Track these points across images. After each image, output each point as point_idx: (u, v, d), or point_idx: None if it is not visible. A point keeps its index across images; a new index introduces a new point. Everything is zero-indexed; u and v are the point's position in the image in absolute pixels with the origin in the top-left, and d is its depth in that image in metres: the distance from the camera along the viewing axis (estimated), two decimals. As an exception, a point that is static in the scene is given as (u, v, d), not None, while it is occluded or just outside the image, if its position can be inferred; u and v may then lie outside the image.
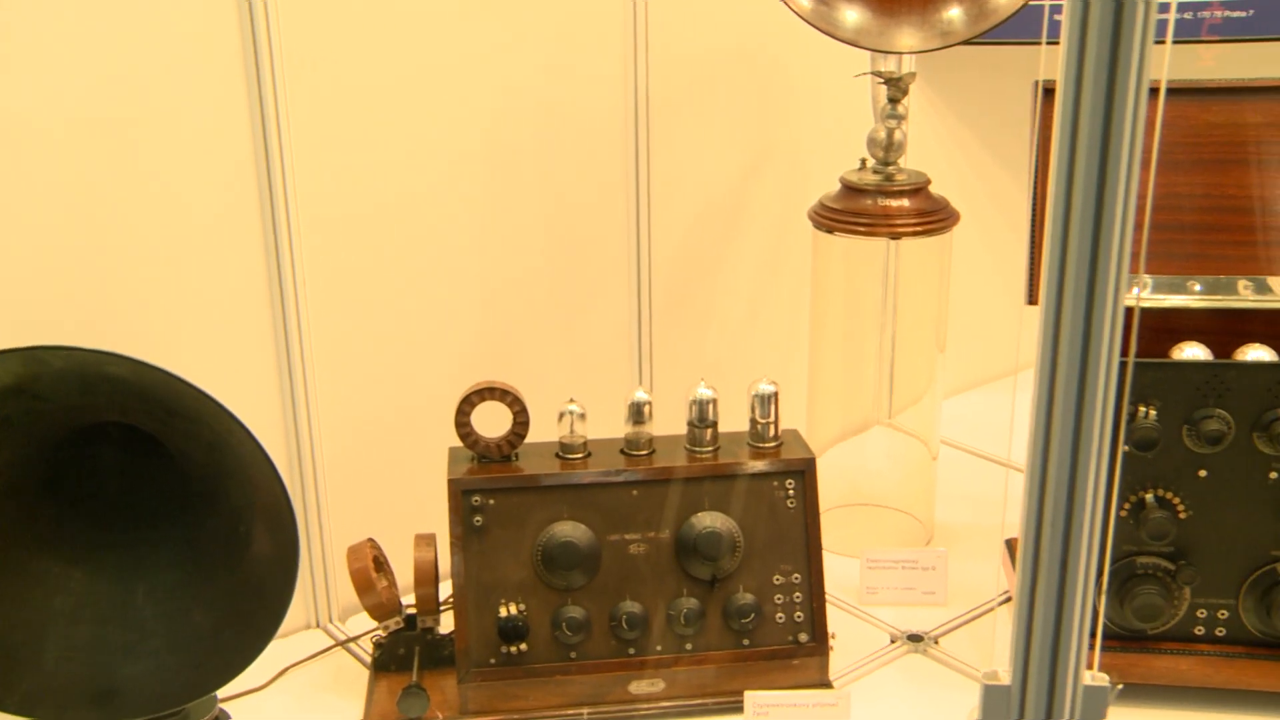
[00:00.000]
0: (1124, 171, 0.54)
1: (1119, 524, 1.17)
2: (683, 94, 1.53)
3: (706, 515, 1.21)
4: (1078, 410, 0.58)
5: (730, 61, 1.57)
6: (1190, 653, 1.20)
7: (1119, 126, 0.54)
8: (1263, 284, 1.30)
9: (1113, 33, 0.52)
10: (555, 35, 1.41)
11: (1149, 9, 0.52)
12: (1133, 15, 0.52)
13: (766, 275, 1.69)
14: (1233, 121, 1.29)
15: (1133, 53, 0.52)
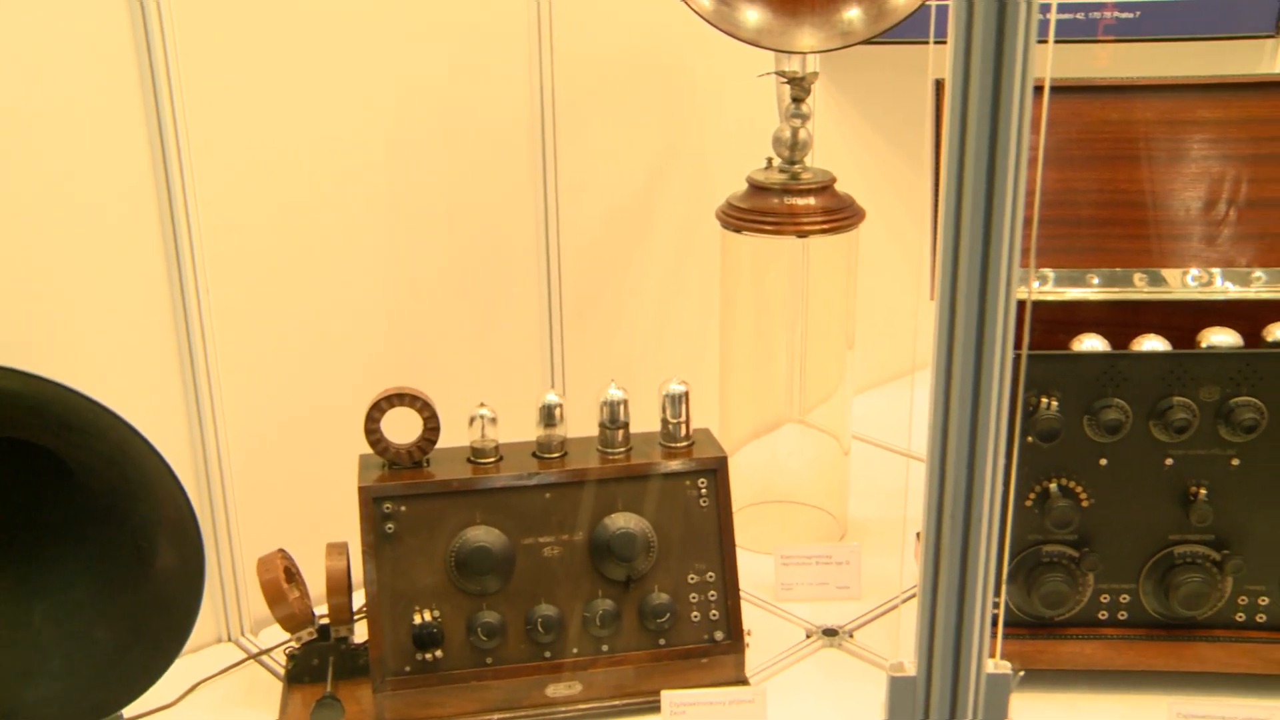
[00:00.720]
0: (1012, 168, 0.55)
1: (1025, 514, 1.19)
2: (589, 95, 1.53)
3: (620, 516, 1.21)
4: (974, 403, 0.59)
5: (636, 62, 1.58)
6: (1095, 637, 1.23)
7: (1006, 124, 0.55)
8: (1157, 276, 1.33)
9: (997, 32, 0.53)
10: (459, 35, 1.41)
11: (1031, 9, 0.53)
12: (1015, 15, 0.53)
13: (676, 275, 1.70)
14: (1124, 119, 1.32)
15: (1017, 52, 0.53)
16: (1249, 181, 1.32)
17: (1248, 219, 1.32)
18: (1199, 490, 1.18)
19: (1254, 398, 1.15)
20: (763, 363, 1.52)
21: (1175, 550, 1.20)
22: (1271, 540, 1.19)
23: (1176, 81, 1.33)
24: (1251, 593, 1.21)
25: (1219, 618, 1.22)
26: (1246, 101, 1.32)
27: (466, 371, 1.50)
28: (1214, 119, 1.32)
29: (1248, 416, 1.14)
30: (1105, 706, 1.22)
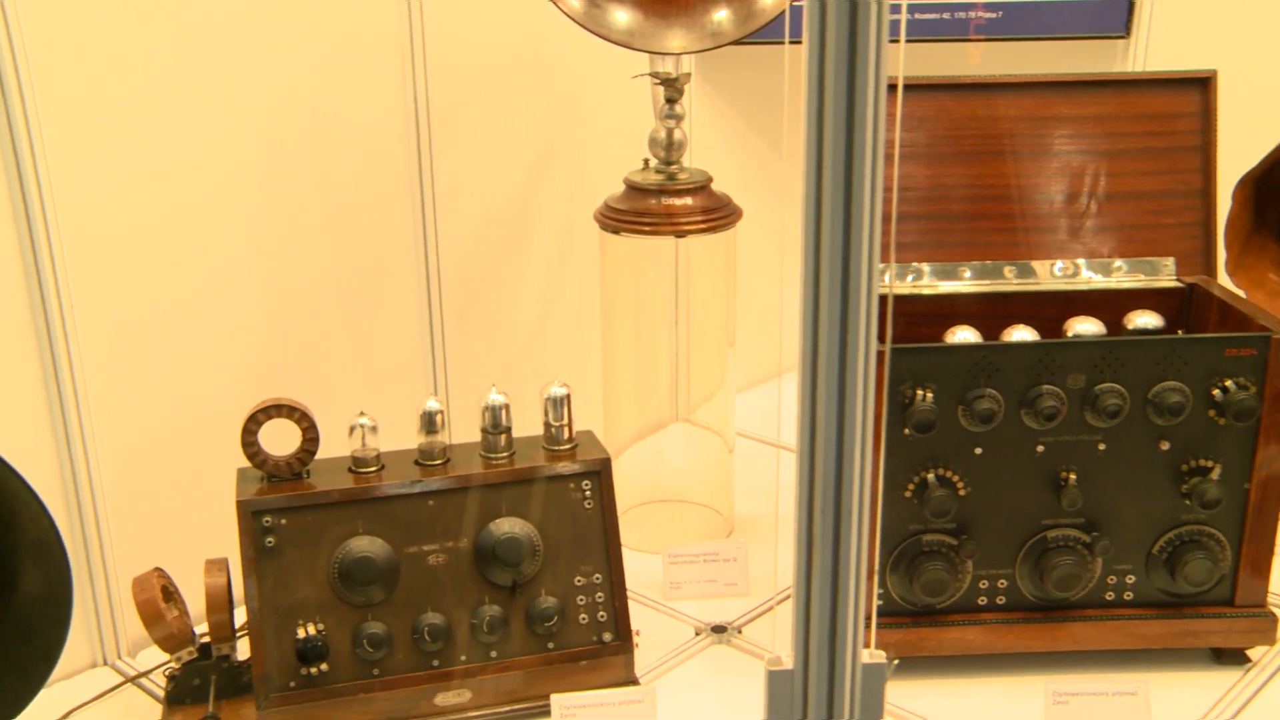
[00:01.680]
0: (869, 165, 0.56)
1: (904, 504, 1.21)
2: (464, 97, 1.52)
3: (505, 521, 1.21)
4: (840, 397, 0.60)
5: (511, 64, 1.57)
6: (976, 622, 1.25)
7: (861, 122, 0.56)
8: (1026, 268, 1.36)
9: (850, 32, 0.54)
10: (328, 37, 1.39)
11: (882, 10, 0.54)
12: (867, 15, 0.54)
13: (556, 277, 1.69)
14: (989, 115, 1.36)
15: (870, 51, 0.54)
16: (1107, 175, 1.36)
17: (1107, 211, 1.37)
18: (1069, 475, 1.21)
19: (1117, 384, 1.18)
20: (645, 363, 1.52)
21: (1048, 534, 1.23)
22: (1136, 521, 1.23)
23: (1038, 79, 1.36)
24: (1119, 572, 1.25)
25: (1090, 598, 1.25)
26: (1102, 99, 1.36)
27: (346, 380, 1.48)
28: (1073, 115, 1.36)
29: (1111, 402, 1.18)
30: (987, 689, 1.25)
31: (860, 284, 0.58)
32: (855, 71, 0.55)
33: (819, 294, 0.58)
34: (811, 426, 0.61)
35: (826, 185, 0.56)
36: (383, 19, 1.43)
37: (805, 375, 0.61)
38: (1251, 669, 1.27)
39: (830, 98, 0.55)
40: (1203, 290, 1.33)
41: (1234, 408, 1.18)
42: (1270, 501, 1.22)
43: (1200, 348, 1.18)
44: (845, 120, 0.55)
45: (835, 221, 0.57)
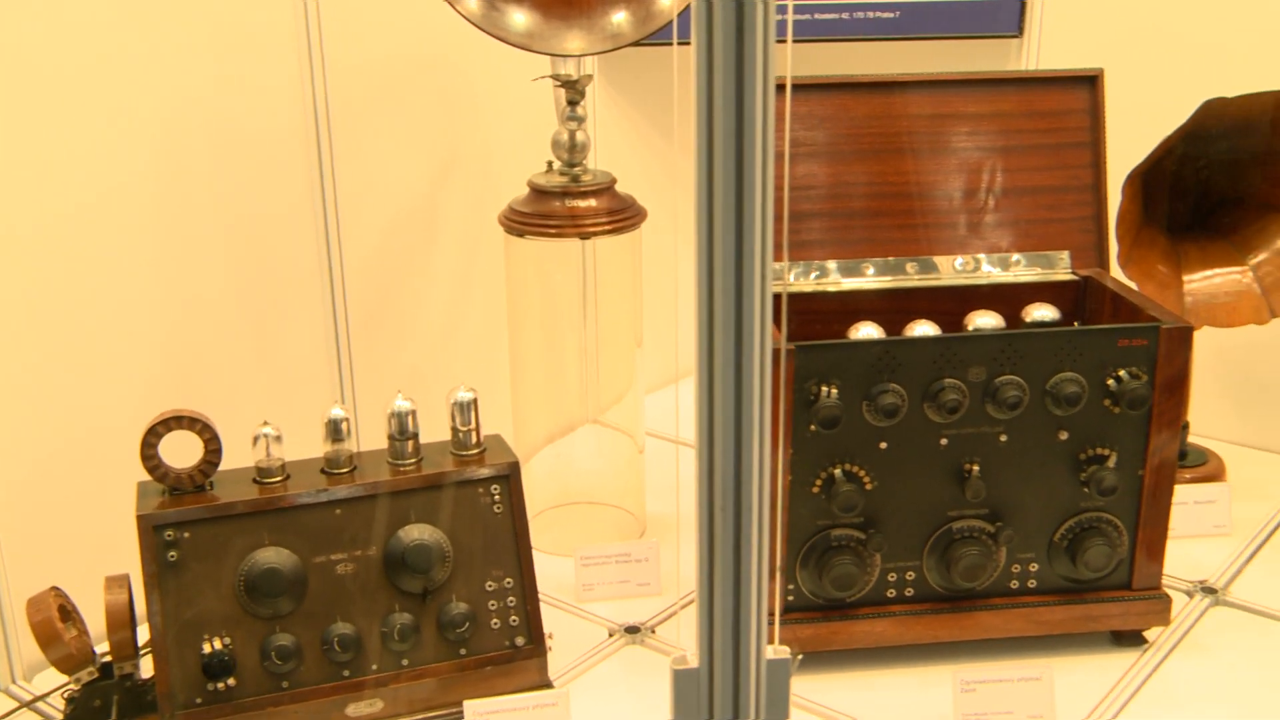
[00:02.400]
0: (759, 164, 0.56)
1: (812, 500, 1.22)
2: (364, 102, 1.51)
3: (414, 528, 1.20)
4: (737, 396, 0.60)
5: (411, 68, 1.56)
6: (885, 615, 1.27)
7: (750, 122, 0.56)
8: (927, 263, 1.39)
9: (736, 32, 0.55)
10: (222, 42, 1.36)
11: (768, 10, 0.54)
12: (753, 16, 0.54)
13: (463, 281, 1.68)
14: (887, 114, 1.38)
15: (757, 51, 0.55)
16: (1003, 171, 1.39)
17: (1004, 207, 1.39)
18: (972, 467, 1.23)
19: (1016, 375, 1.21)
20: (554, 365, 1.52)
21: (954, 526, 1.25)
22: (1038, 510, 1.25)
23: (934, 78, 1.39)
24: (1023, 560, 1.27)
25: (996, 587, 1.28)
26: (996, 97, 1.39)
27: (249, 390, 1.46)
28: (969, 113, 1.39)
29: (1012, 394, 1.20)
30: (897, 680, 1.27)
31: (754, 282, 0.58)
32: (743, 71, 0.55)
33: (713, 294, 0.58)
34: (709, 426, 0.61)
35: (718, 185, 0.57)
36: (278, 23, 1.41)
37: (702, 375, 0.61)
38: (1148, 649, 1.31)
39: (719, 98, 0.56)
40: (1096, 283, 1.36)
41: (1127, 396, 1.21)
42: (1163, 487, 1.25)
43: (1094, 339, 1.21)
44: (735, 120, 0.56)
45: (727, 221, 0.57)
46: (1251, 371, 1.77)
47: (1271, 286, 1.53)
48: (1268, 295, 1.53)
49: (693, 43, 0.56)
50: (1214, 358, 1.76)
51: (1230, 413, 1.79)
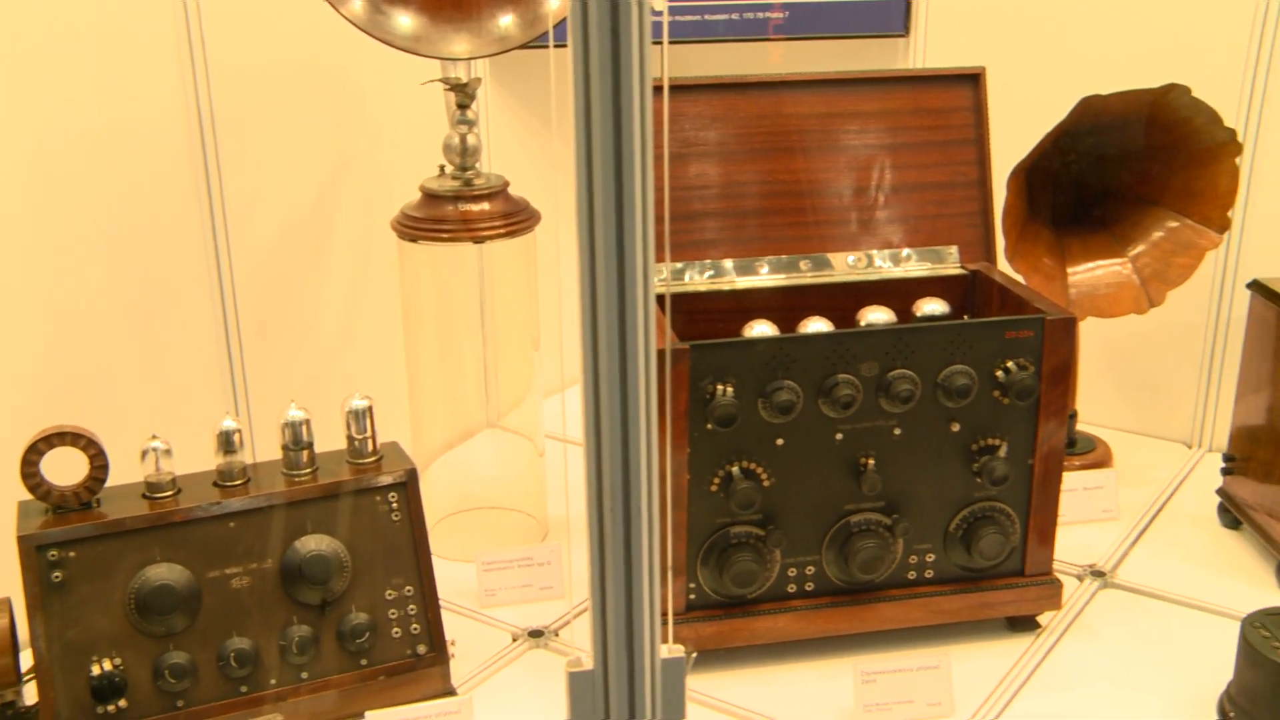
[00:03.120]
0: (638, 165, 0.56)
1: (710, 498, 1.23)
2: (250, 107, 1.48)
3: (311, 539, 1.18)
4: (622, 396, 0.60)
5: (297, 72, 1.54)
6: (786, 610, 1.28)
7: (629, 124, 0.56)
8: (820, 260, 1.40)
9: (612, 35, 0.55)
10: (100, 47, 1.33)
11: (644, 12, 0.54)
12: (629, 18, 0.54)
13: (357, 288, 1.66)
14: (776, 113, 1.39)
15: (633, 53, 0.55)
16: (892, 169, 1.41)
17: (894, 203, 1.41)
18: (868, 461, 1.25)
19: (908, 369, 1.22)
20: (451, 371, 1.51)
21: (851, 519, 1.27)
22: (933, 501, 1.27)
23: (823, 77, 1.40)
24: (920, 551, 1.29)
25: (894, 578, 1.29)
26: (883, 95, 1.41)
27: (136, 403, 1.42)
28: (857, 111, 1.41)
29: (904, 388, 1.22)
30: (800, 674, 1.28)
31: (636, 283, 0.58)
32: (620, 73, 0.55)
33: (595, 295, 0.58)
34: (596, 428, 0.61)
35: (598, 187, 0.57)
36: (158, 25, 1.38)
37: (587, 377, 0.61)
38: (1041, 634, 1.34)
39: (596, 100, 0.56)
40: (984, 276, 1.39)
41: (1016, 387, 1.23)
42: (1052, 475, 1.28)
43: (983, 331, 1.23)
44: (613, 122, 0.56)
45: (608, 223, 0.57)
46: (1135, 360, 1.82)
47: (1150, 277, 1.58)
48: (1146, 286, 1.57)
49: (569, 45, 0.56)
50: (1100, 347, 1.81)
51: (1116, 400, 1.84)
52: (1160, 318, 1.67)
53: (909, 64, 1.83)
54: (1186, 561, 1.48)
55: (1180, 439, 1.81)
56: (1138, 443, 1.81)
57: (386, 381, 1.58)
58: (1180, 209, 1.58)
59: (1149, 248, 1.59)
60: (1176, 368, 1.78)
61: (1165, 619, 1.37)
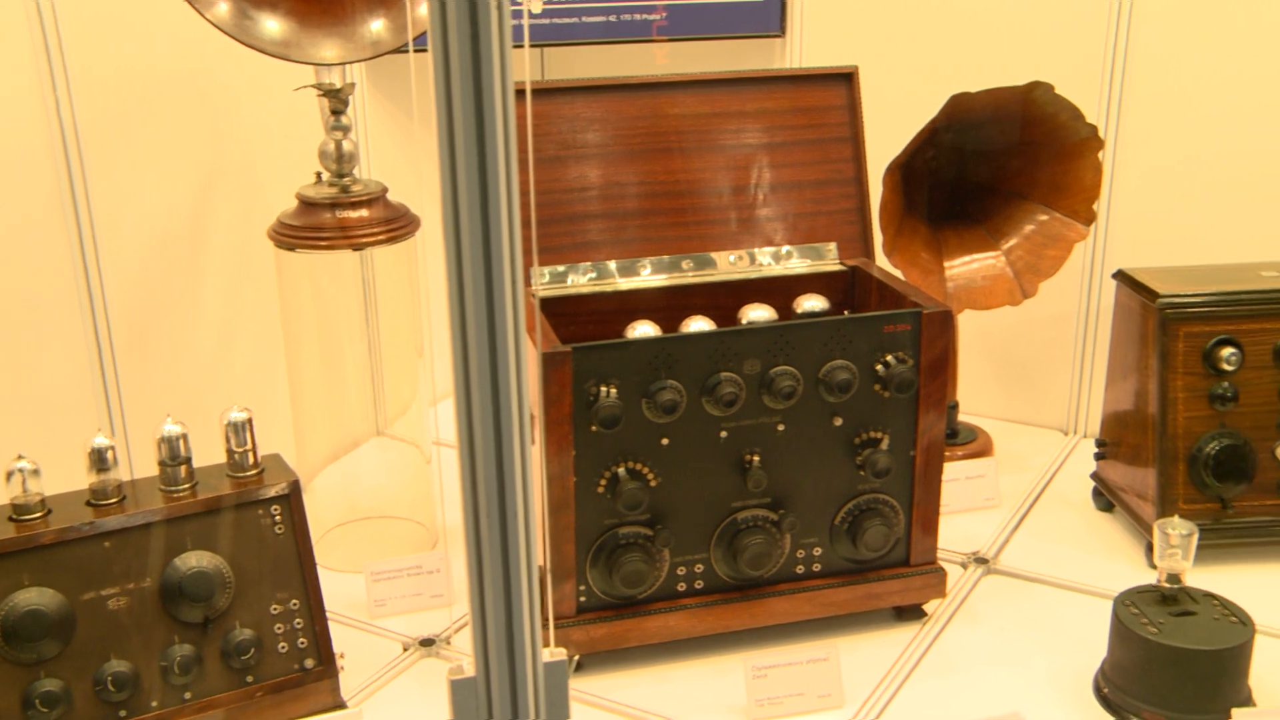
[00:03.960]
0: (502, 170, 0.56)
1: (598, 500, 1.23)
2: (116, 116, 1.44)
3: (191, 555, 1.15)
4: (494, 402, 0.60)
5: (165, 79, 1.50)
6: (677, 608, 1.29)
7: (491, 127, 0.56)
8: (702, 260, 1.41)
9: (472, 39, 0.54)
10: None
11: (504, 15, 0.54)
12: (488, 21, 0.54)
13: (235, 299, 1.63)
14: (655, 114, 1.40)
15: (494, 57, 0.54)
16: (770, 167, 1.43)
17: (773, 201, 1.43)
18: (753, 458, 1.26)
19: (790, 366, 1.24)
20: (335, 380, 1.49)
21: (738, 516, 1.28)
22: (817, 496, 1.29)
23: (700, 78, 1.41)
24: (807, 545, 1.31)
25: (782, 573, 1.31)
26: (760, 95, 1.42)
27: (3, 424, 1.38)
28: (735, 111, 1.42)
29: (786, 384, 1.23)
30: (692, 672, 1.29)
31: (504, 288, 0.58)
32: (481, 76, 0.55)
33: (464, 300, 0.58)
34: (469, 434, 0.61)
35: (463, 192, 0.56)
36: (9, 31, 1.33)
37: (459, 383, 0.60)
38: (928, 621, 1.36)
39: (459, 104, 0.55)
40: (863, 272, 1.41)
41: (895, 380, 1.26)
42: (933, 465, 1.31)
43: (862, 326, 1.25)
44: (475, 126, 0.55)
45: (474, 228, 0.57)
46: (1012, 351, 1.86)
47: (1023, 270, 1.62)
48: (1019, 278, 1.61)
49: (429, 49, 0.56)
50: (978, 339, 1.85)
51: (995, 390, 1.89)
52: (1034, 309, 1.71)
53: (786, 64, 1.85)
54: (1064, 545, 1.52)
55: (1057, 426, 1.86)
56: (1017, 431, 1.86)
57: (268, 393, 1.55)
58: (1049, 203, 1.62)
59: (1021, 241, 1.63)
60: (1051, 357, 1.83)
61: (1045, 601, 1.41)
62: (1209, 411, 1.43)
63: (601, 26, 1.79)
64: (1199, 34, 1.62)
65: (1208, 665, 1.14)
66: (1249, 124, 1.63)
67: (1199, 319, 1.42)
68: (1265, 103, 1.61)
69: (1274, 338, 1.42)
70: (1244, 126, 1.63)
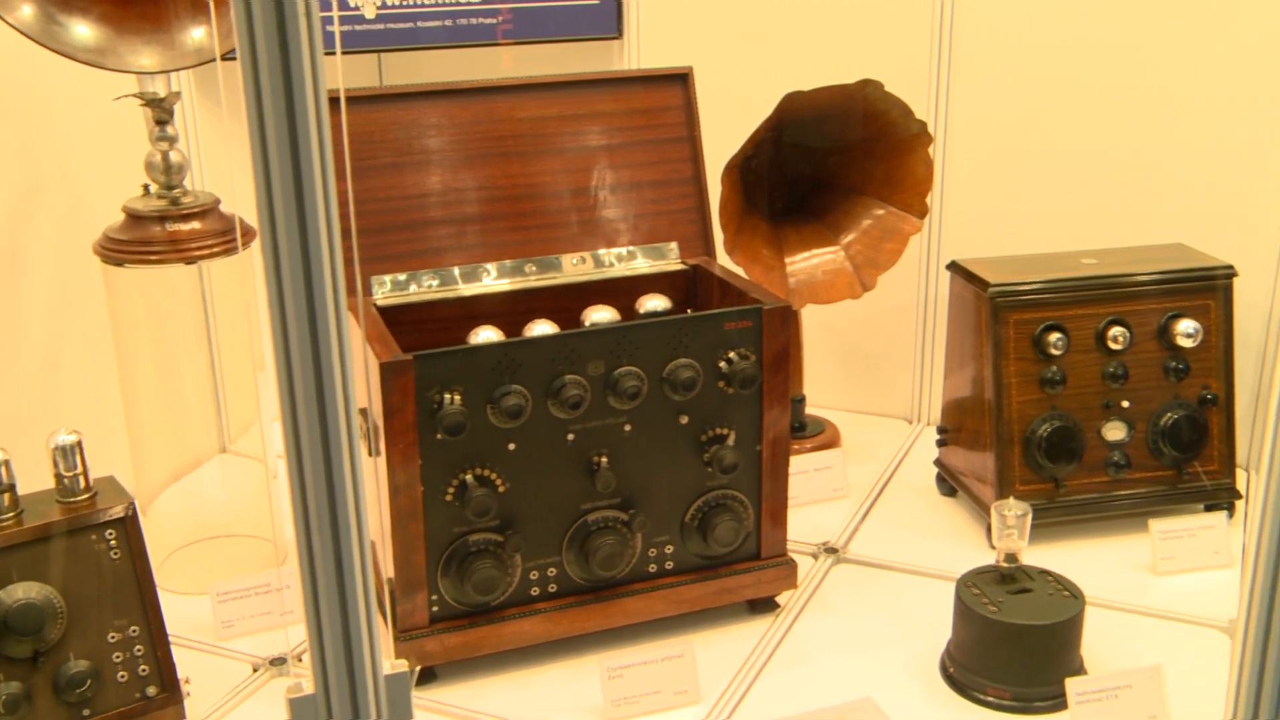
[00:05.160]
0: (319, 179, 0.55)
1: (446, 508, 1.22)
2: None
3: (18, 587, 1.11)
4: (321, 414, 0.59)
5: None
6: (531, 613, 1.28)
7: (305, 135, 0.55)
8: (546, 263, 1.41)
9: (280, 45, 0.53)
10: None
11: (313, 21, 0.53)
12: (296, 27, 0.53)
13: (60, 318, 1.57)
14: (492, 118, 1.39)
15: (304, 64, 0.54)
16: (610, 169, 1.43)
17: (614, 202, 1.44)
18: (600, 459, 1.26)
19: (634, 366, 1.25)
20: (172, 398, 1.45)
21: (589, 518, 1.28)
22: (667, 494, 1.30)
23: (536, 81, 1.41)
24: (659, 544, 1.32)
25: (635, 572, 1.32)
26: (597, 97, 1.43)
27: None
28: (573, 114, 1.42)
29: (631, 384, 1.24)
30: (549, 676, 1.28)
31: (326, 298, 0.57)
32: (292, 84, 0.54)
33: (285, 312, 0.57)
34: (297, 448, 0.60)
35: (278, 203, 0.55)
36: None
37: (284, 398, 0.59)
38: (781, 613, 1.38)
39: (270, 113, 0.54)
40: (705, 270, 1.43)
41: (738, 376, 1.27)
42: (779, 459, 1.33)
43: (704, 324, 1.27)
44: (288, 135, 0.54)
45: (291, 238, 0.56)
46: (856, 343, 1.91)
47: (862, 264, 1.66)
48: (859, 272, 1.65)
49: (238, 57, 0.55)
50: (822, 333, 1.89)
51: (841, 382, 1.93)
52: (875, 301, 1.75)
53: (625, 65, 1.86)
54: (910, 531, 1.57)
55: (902, 415, 1.91)
56: (863, 422, 1.90)
57: (101, 414, 1.50)
58: (884, 197, 1.66)
59: (859, 235, 1.67)
60: (893, 348, 1.88)
61: (893, 587, 1.44)
62: (1040, 395, 1.48)
63: (440, 31, 1.77)
64: (1019, 33, 1.68)
65: (1042, 639, 1.19)
66: (1068, 119, 1.69)
67: (1027, 306, 1.47)
68: (1082, 98, 1.68)
69: (1096, 322, 1.48)
70: (1063, 121, 1.70)
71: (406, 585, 1.23)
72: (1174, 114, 1.65)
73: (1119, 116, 1.67)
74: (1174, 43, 1.62)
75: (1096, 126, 1.69)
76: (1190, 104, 1.63)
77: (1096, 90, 1.67)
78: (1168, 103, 1.64)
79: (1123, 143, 1.68)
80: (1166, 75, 1.64)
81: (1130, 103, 1.66)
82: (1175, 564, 1.44)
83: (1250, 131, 1.61)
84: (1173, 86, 1.64)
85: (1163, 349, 1.50)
